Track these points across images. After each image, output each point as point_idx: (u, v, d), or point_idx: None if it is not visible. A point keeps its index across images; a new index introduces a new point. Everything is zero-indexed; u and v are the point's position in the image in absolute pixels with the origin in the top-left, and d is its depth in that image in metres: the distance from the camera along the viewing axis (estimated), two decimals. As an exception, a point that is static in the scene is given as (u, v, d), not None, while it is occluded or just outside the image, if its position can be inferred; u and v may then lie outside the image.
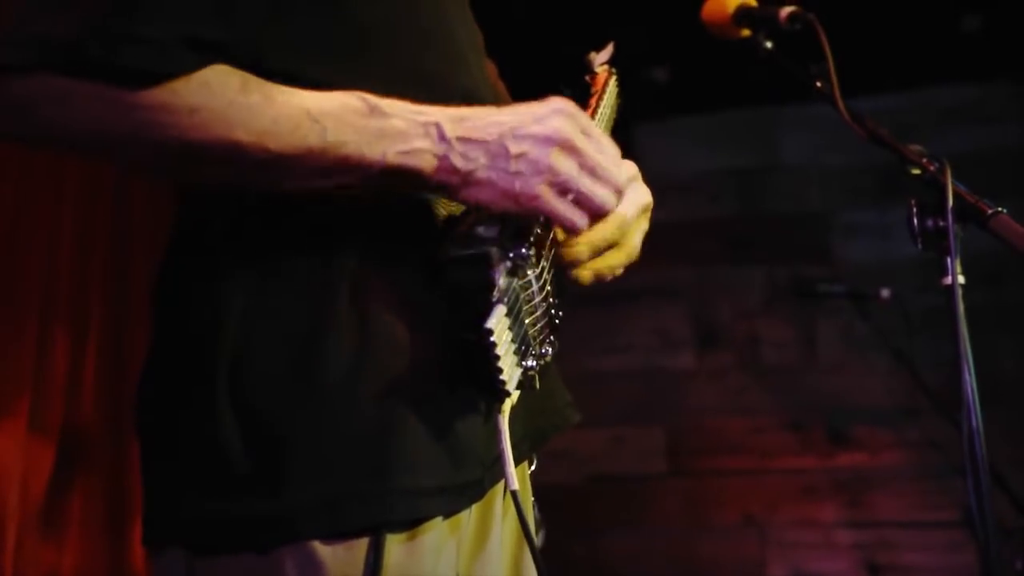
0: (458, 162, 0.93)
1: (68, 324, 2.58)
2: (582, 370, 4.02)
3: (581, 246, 1.07)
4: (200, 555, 0.94)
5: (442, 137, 0.93)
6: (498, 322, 0.91)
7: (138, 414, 1.04)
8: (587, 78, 1.34)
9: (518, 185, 0.93)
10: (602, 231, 1.07)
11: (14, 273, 2.45)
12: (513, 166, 0.93)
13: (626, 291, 4.06)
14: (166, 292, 1.05)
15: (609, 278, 1.12)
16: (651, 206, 1.16)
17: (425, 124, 0.93)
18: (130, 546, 2.61)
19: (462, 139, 0.93)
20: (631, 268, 1.15)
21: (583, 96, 1.29)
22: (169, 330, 1.03)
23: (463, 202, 0.98)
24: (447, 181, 0.94)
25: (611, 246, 1.10)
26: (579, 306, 4.02)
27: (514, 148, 0.93)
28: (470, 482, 0.98)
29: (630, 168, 1.12)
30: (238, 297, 0.95)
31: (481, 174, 0.93)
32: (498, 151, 0.93)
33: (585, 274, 1.09)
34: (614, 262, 1.11)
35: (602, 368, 4.12)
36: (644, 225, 1.16)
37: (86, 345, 2.62)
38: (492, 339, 0.90)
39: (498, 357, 0.92)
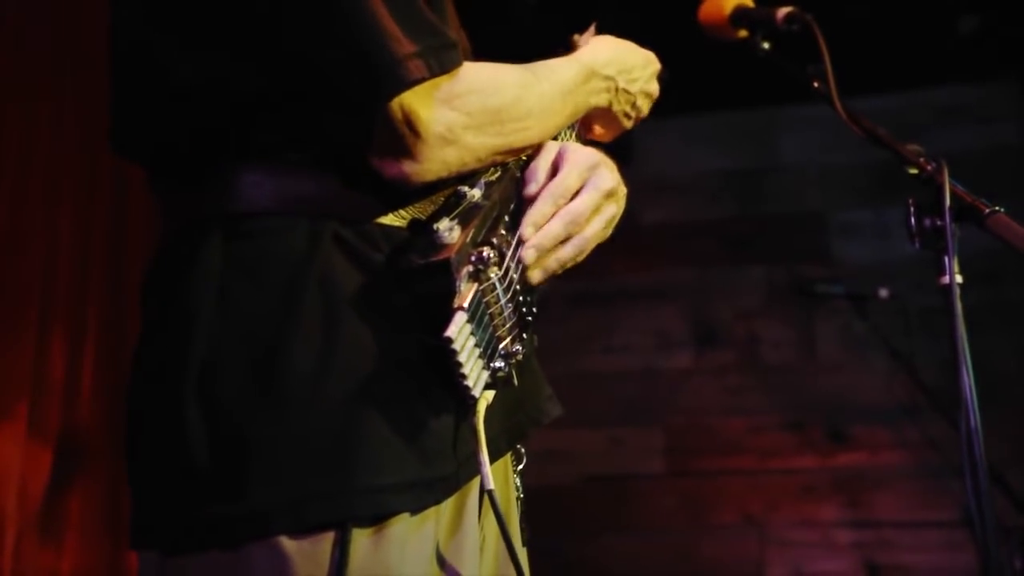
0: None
1: (66, 327, 2.57)
2: (580, 370, 4.02)
3: (528, 250, 1.07)
4: (170, 556, 0.97)
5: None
6: (459, 329, 0.93)
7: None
8: None
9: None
10: (553, 229, 1.08)
11: (12, 276, 2.45)
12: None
13: (624, 291, 4.05)
14: (148, 297, 1.07)
15: (559, 270, 1.12)
16: (616, 190, 1.15)
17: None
18: (128, 549, 2.61)
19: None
20: (630, 268, 1.15)
21: None
22: (146, 336, 1.05)
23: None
24: None
25: (563, 241, 1.10)
26: (577, 306, 4.04)
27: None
28: (440, 477, 0.99)
29: (592, 156, 1.13)
30: (210, 302, 0.97)
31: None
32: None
33: (535, 274, 1.09)
34: (564, 256, 1.11)
35: (600, 368, 4.12)
36: (610, 210, 1.15)
37: (84, 348, 2.62)
38: (453, 346, 0.92)
39: (460, 364, 0.93)
